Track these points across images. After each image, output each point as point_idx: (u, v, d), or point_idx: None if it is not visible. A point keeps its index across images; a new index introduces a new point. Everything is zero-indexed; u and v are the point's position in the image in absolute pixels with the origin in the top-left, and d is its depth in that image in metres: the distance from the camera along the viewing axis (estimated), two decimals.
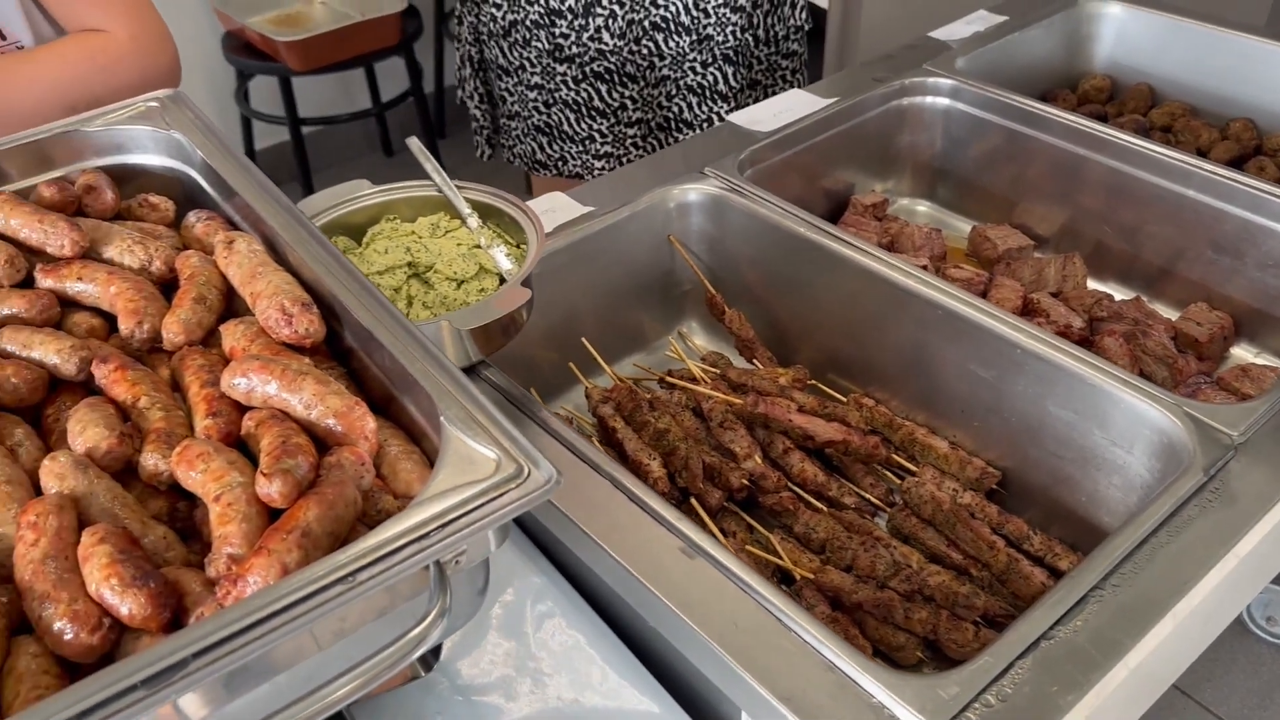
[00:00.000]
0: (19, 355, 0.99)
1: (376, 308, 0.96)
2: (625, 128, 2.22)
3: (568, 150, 2.26)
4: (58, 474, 0.85)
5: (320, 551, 0.78)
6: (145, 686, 0.66)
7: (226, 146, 1.20)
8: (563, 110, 2.21)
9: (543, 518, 1.13)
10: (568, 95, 2.18)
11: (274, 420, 0.89)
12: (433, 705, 1.03)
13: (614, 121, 2.21)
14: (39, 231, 1.09)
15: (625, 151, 2.25)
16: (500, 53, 2.20)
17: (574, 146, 2.25)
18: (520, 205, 1.37)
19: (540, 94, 2.20)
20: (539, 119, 2.24)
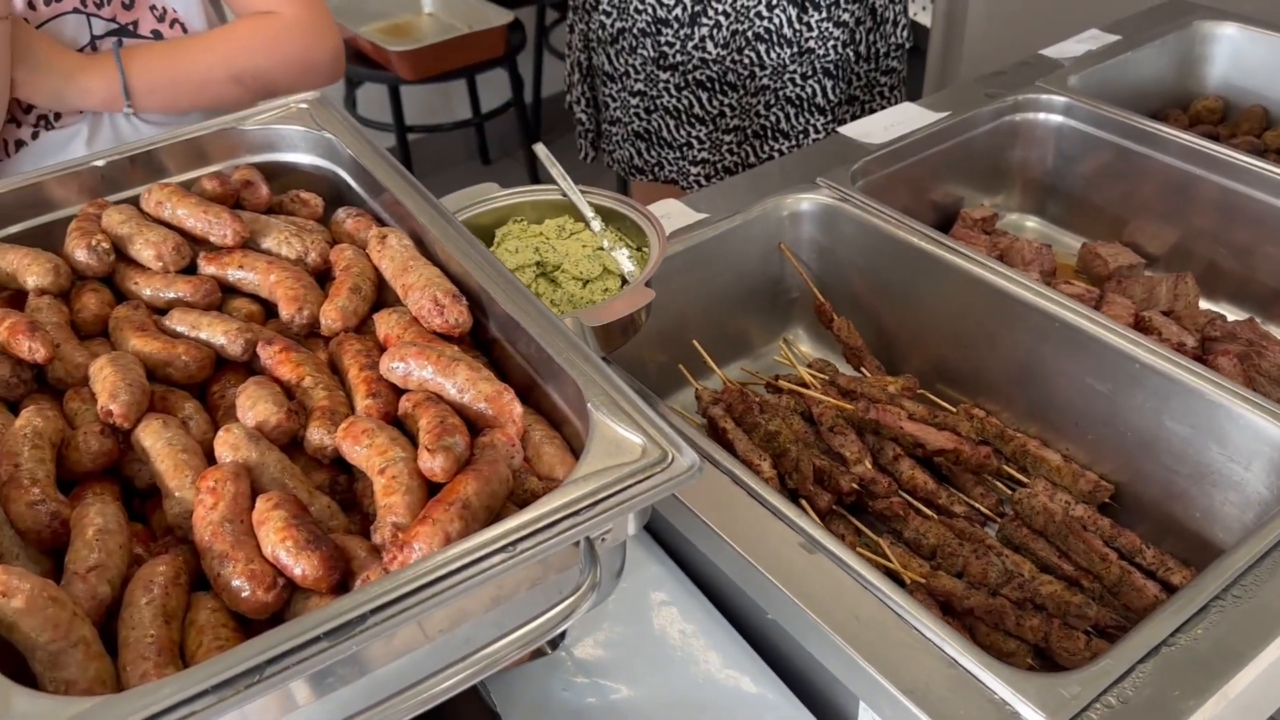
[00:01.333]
0: (188, 335, 1.07)
1: (521, 300, 1.01)
2: (722, 135, 2.26)
3: (665, 156, 2.31)
4: (232, 444, 0.92)
5: (478, 524, 0.83)
6: (329, 638, 0.71)
7: (375, 146, 1.27)
8: (663, 117, 2.26)
9: (662, 509, 1.17)
10: (669, 102, 2.23)
11: (430, 402, 0.95)
12: (557, 682, 1.07)
13: (712, 129, 2.26)
14: (203, 221, 1.17)
15: (720, 158, 2.30)
16: (607, 59, 2.26)
17: (671, 152, 2.30)
18: (642, 210, 1.42)
19: (642, 100, 2.26)
20: (639, 125, 2.29)
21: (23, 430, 0.92)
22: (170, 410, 1.00)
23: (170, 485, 0.90)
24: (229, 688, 0.69)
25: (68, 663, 0.75)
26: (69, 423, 0.99)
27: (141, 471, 0.97)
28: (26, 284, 1.11)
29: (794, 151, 2.25)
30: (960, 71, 3.29)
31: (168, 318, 1.09)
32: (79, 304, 1.12)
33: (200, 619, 0.81)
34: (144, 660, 0.77)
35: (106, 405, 0.95)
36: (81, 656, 0.76)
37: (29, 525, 0.87)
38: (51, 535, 0.87)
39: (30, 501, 0.87)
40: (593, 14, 2.24)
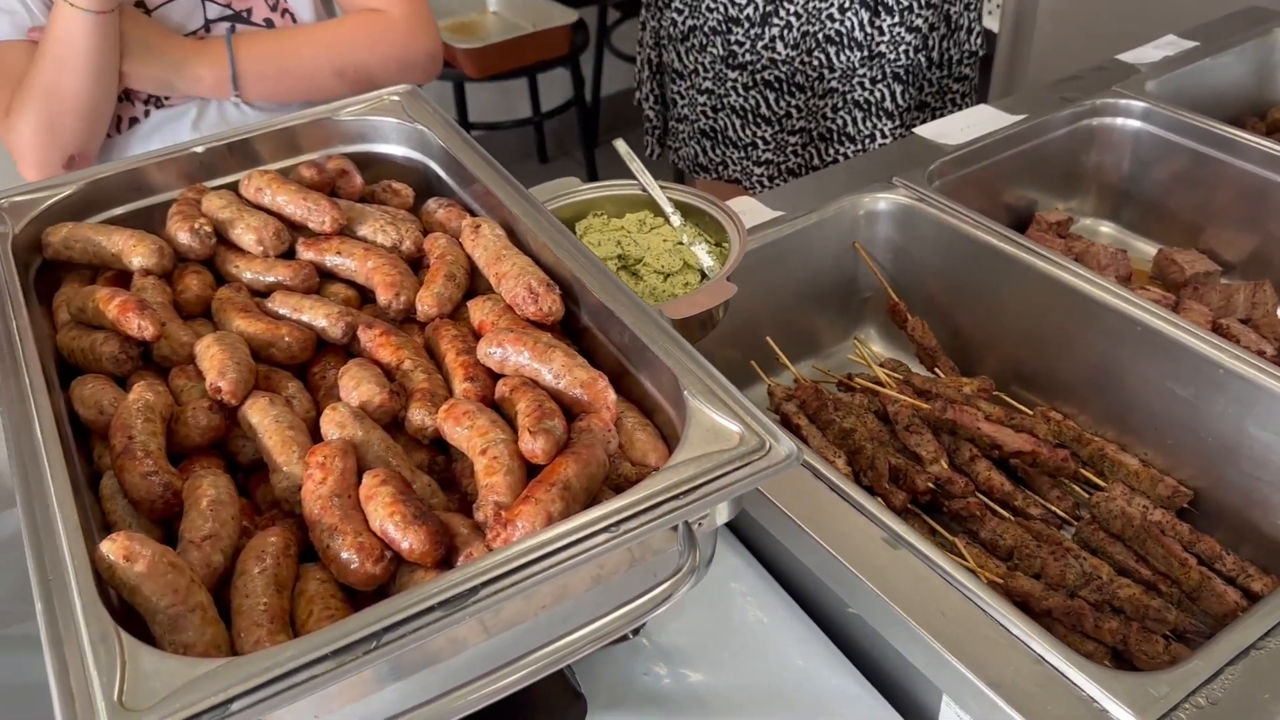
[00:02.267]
0: (290, 318, 1.10)
1: (614, 290, 1.03)
2: (788, 136, 2.27)
3: (729, 155, 2.32)
4: (338, 422, 0.95)
5: (578, 505, 0.85)
6: (443, 608, 0.73)
7: (466, 138, 1.29)
8: (729, 116, 2.27)
9: (743, 501, 1.18)
10: (736, 101, 2.24)
11: (526, 387, 0.97)
12: (639, 666, 1.09)
13: (778, 129, 2.26)
14: (302, 208, 1.20)
15: (785, 159, 2.30)
16: (677, 56, 2.28)
17: (736, 152, 2.31)
18: (721, 205, 1.43)
19: (710, 99, 2.27)
20: (705, 123, 2.31)
21: (135, 404, 0.96)
22: (274, 389, 1.03)
23: (278, 460, 0.93)
24: (348, 653, 0.71)
25: (186, 627, 0.78)
26: (175, 399, 1.02)
27: (246, 447, 1.00)
28: (131, 264, 1.15)
29: (863, 153, 2.25)
30: (1027, 76, 3.26)
31: (270, 300, 1.13)
32: (181, 285, 1.15)
33: (310, 589, 0.84)
34: (257, 627, 0.80)
35: (215, 382, 0.98)
36: (199, 621, 0.79)
37: (142, 495, 0.90)
38: (164, 506, 0.90)
39: (144, 472, 0.90)
40: (665, 11, 2.26)
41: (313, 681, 0.70)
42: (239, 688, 0.68)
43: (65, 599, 0.75)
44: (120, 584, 0.78)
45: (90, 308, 1.09)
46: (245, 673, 0.69)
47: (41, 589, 0.76)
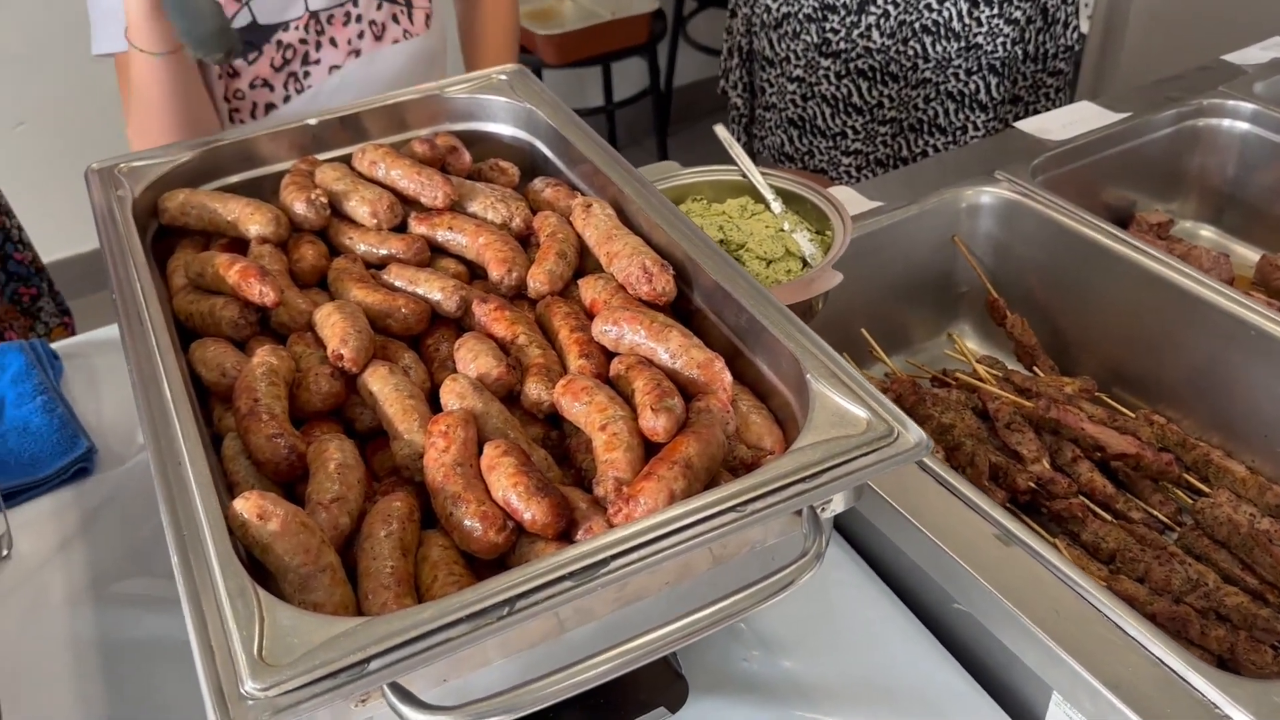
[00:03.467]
0: (405, 290, 1.11)
1: (730, 271, 1.02)
2: (878, 126, 2.24)
3: (816, 144, 2.30)
4: (458, 393, 0.96)
5: (699, 485, 0.85)
6: (574, 578, 0.74)
7: (575, 118, 1.29)
8: (819, 104, 2.25)
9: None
10: (827, 90, 2.22)
11: (643, 365, 0.97)
12: (738, 652, 1.09)
13: (868, 119, 2.24)
14: (416, 183, 1.21)
15: (874, 150, 2.28)
16: (768, 44, 2.27)
17: (824, 141, 2.29)
18: (823, 193, 1.42)
19: (800, 87, 2.25)
20: (794, 111, 2.29)
21: (260, 367, 0.97)
22: (390, 359, 1.04)
23: (399, 428, 0.94)
24: (482, 618, 0.71)
25: (316, 587, 0.79)
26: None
27: (363, 415, 1.01)
28: (249, 232, 1.17)
29: (953, 147, 2.22)
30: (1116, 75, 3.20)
31: (386, 272, 1.14)
32: (297, 254, 1.17)
33: (433, 555, 0.85)
34: (385, 590, 0.81)
35: (337, 349, 1.00)
36: (329, 582, 0.80)
37: (267, 457, 0.91)
38: (288, 468, 0.91)
39: (269, 434, 0.92)
40: None
41: (448, 644, 0.70)
42: (377, 647, 0.69)
43: (200, 554, 0.76)
44: (253, 542, 0.79)
45: (209, 273, 1.11)
46: (383, 632, 0.70)
47: (177, 544, 0.77)
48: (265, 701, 0.66)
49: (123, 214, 1.15)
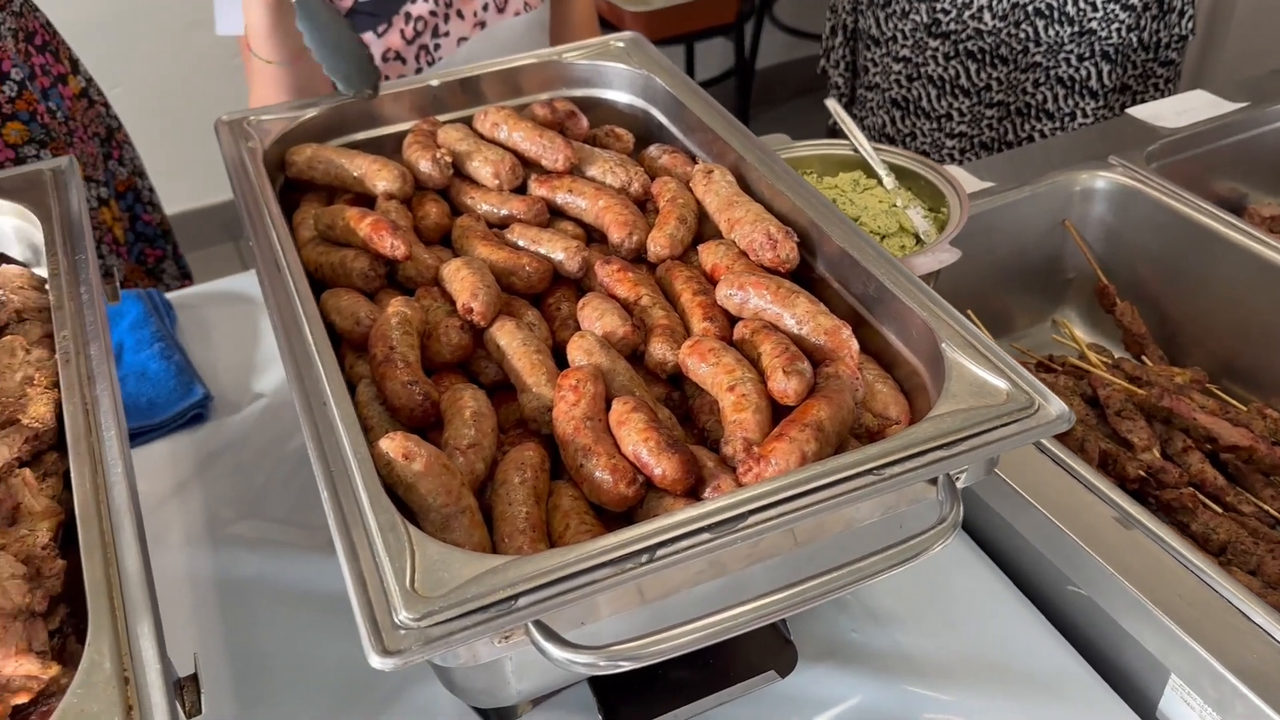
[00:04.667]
0: (529, 249, 1.13)
1: (858, 239, 1.02)
2: (984, 109, 2.21)
3: (920, 126, 2.27)
4: (585, 350, 0.97)
5: (829, 449, 0.85)
6: (712, 530, 0.74)
7: (693, 86, 1.30)
8: (925, 85, 2.22)
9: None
10: (934, 71, 2.19)
11: (768, 330, 0.97)
12: (846, 623, 1.09)
13: (975, 102, 2.21)
14: (538, 145, 1.22)
15: (979, 133, 2.24)
16: (875, 23, 2.24)
17: (928, 123, 2.26)
18: (939, 170, 1.40)
19: (906, 67, 2.22)
20: (898, 92, 2.26)
21: (394, 317, 0.99)
22: (514, 316, 1.05)
23: (528, 381, 0.96)
24: (626, 563, 0.72)
25: (456, 527, 0.81)
26: None
27: (488, 368, 1.03)
28: (375, 188, 1.19)
29: (1059, 134, 2.18)
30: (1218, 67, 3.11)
31: (509, 231, 1.15)
32: (421, 211, 1.19)
33: (564, 504, 0.86)
34: (520, 534, 0.82)
35: (468, 303, 1.01)
36: (468, 523, 0.82)
37: (402, 403, 0.94)
38: (422, 414, 0.93)
39: (405, 381, 0.94)
40: None
41: (592, 586, 0.71)
42: (526, 584, 0.71)
43: (349, 491, 0.78)
44: (397, 480, 0.81)
45: (340, 225, 1.13)
46: (532, 571, 0.71)
47: (326, 479, 0.79)
48: (418, 632, 0.68)
49: (254, 165, 1.18)
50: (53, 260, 1.03)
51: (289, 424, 1.37)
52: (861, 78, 2.35)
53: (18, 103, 1.68)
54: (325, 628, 1.11)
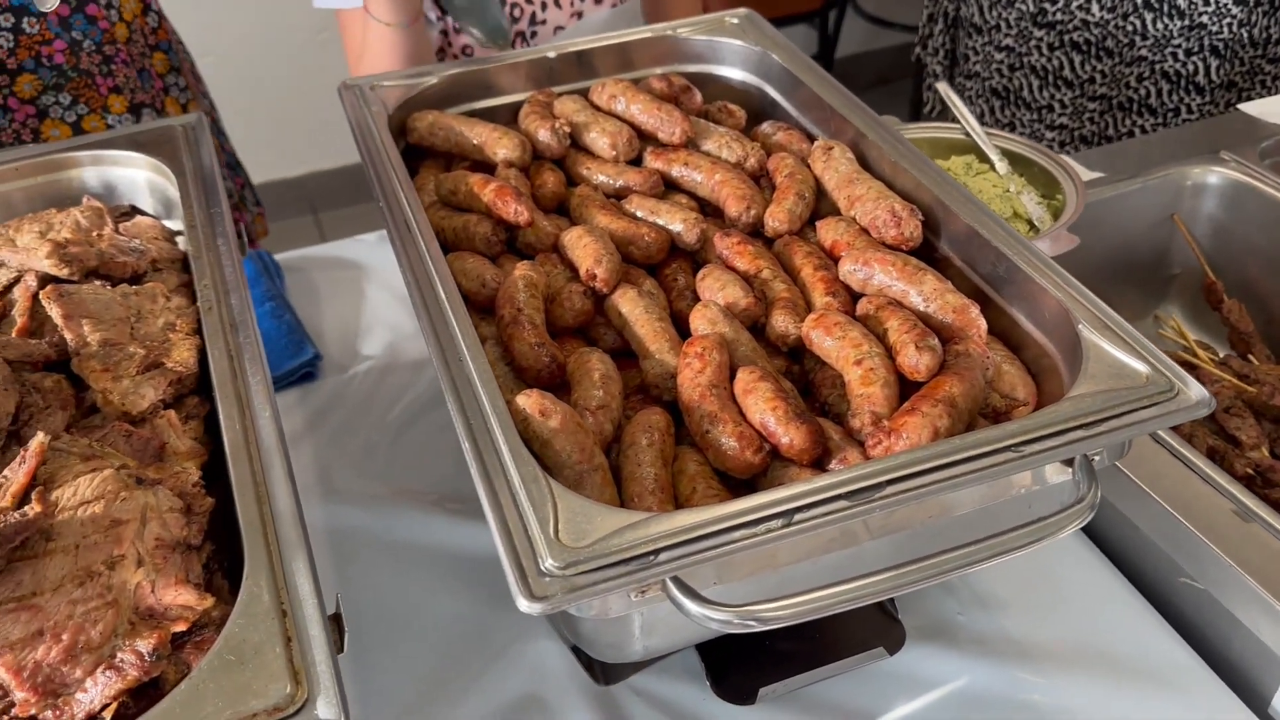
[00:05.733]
0: (647, 220, 1.13)
1: (987, 219, 1.01)
2: (1087, 101, 2.17)
3: (1020, 116, 2.24)
4: (709, 319, 0.97)
5: (961, 425, 0.85)
6: (850, 498, 0.75)
7: (810, 63, 1.29)
8: (1027, 75, 2.19)
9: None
10: (1037, 61, 2.16)
11: (894, 306, 0.97)
12: (952, 606, 1.08)
13: (1077, 94, 2.17)
14: (655, 118, 1.23)
15: (1080, 126, 2.21)
16: (978, 10, 2.21)
17: (1028, 114, 2.23)
18: (1055, 157, 1.39)
19: (1008, 56, 2.19)
20: (999, 81, 2.23)
21: (521, 280, 1.01)
22: (634, 284, 1.06)
23: (650, 348, 0.96)
24: (761, 525, 0.73)
25: (588, 485, 0.83)
26: None
27: (606, 335, 1.04)
28: (496, 155, 1.21)
29: (1161, 130, 2.14)
30: None
31: (627, 202, 1.16)
32: (539, 180, 1.20)
33: (689, 469, 0.87)
34: (650, 495, 0.83)
35: (591, 269, 1.02)
36: (600, 481, 0.83)
37: (529, 363, 0.95)
38: (548, 375, 0.95)
39: (533, 343, 0.95)
40: None
41: (731, 546, 0.72)
42: (667, 540, 0.72)
43: (488, 444, 0.80)
44: (533, 436, 0.83)
45: (462, 190, 1.15)
46: (672, 528, 0.72)
47: (467, 432, 0.81)
48: (563, 580, 0.70)
49: (379, 129, 1.20)
50: (189, 213, 1.06)
51: (395, 387, 1.40)
52: (960, 66, 2.32)
53: (159, 33, 1.75)
54: (433, 583, 1.13)
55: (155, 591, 0.70)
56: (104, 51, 1.60)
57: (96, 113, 1.61)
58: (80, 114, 1.60)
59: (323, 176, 3.97)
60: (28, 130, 1.57)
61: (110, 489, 0.72)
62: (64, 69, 1.56)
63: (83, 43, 1.58)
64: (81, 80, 1.58)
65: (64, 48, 1.55)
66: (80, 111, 1.60)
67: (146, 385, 0.87)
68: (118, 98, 1.63)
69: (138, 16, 1.70)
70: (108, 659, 0.67)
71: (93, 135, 1.21)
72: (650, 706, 1.00)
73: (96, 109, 1.61)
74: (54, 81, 1.56)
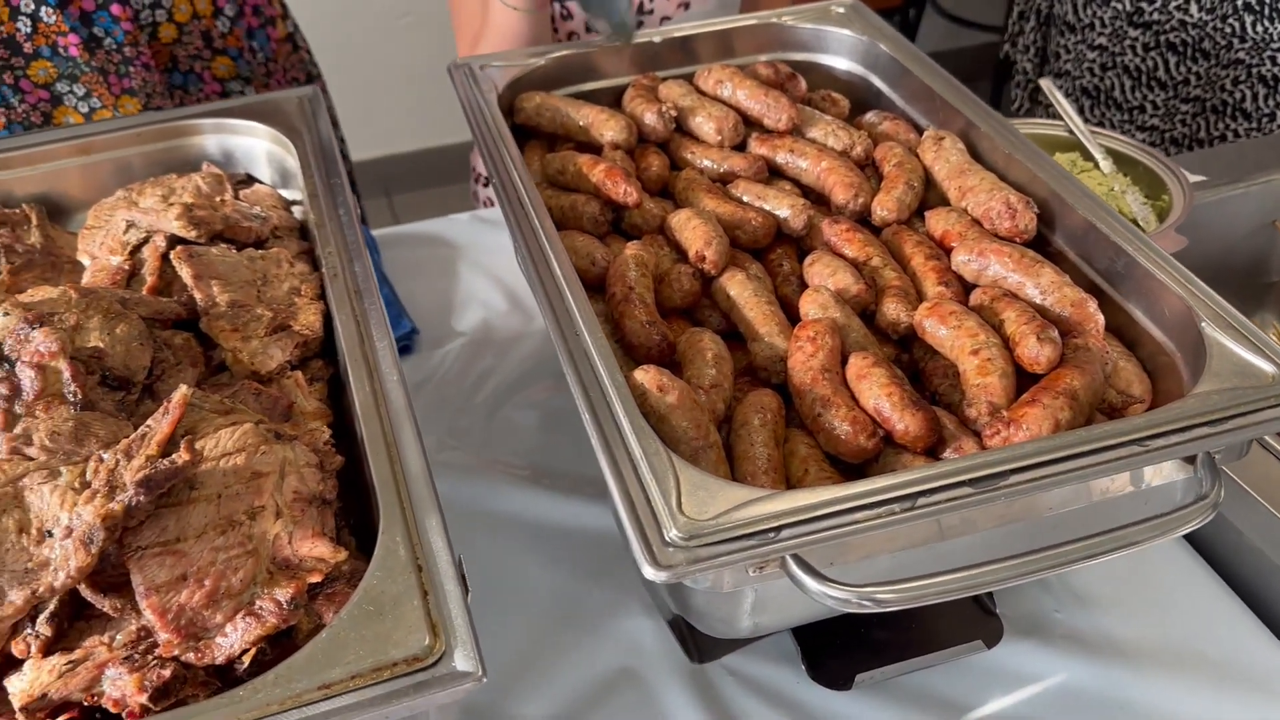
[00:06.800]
0: (753, 204, 1.14)
1: (1103, 212, 1.00)
2: (1180, 103, 2.13)
3: (1110, 116, 2.21)
4: (821, 304, 0.98)
5: (1081, 419, 0.84)
6: (974, 485, 0.75)
7: (918, 52, 1.29)
8: (1120, 75, 2.16)
9: None
10: (1131, 61, 2.13)
11: (1009, 298, 0.96)
12: (1049, 603, 1.08)
13: (1170, 95, 2.13)
14: (761, 104, 1.23)
15: (1171, 128, 2.17)
16: (1072, 9, 2.19)
17: (1118, 114, 2.19)
18: (1161, 158, 1.37)
19: (1101, 56, 2.16)
20: (1090, 81, 2.20)
21: (632, 259, 1.02)
22: (741, 268, 1.07)
23: (760, 331, 0.97)
24: (884, 506, 0.73)
25: (703, 461, 0.83)
26: None
27: (711, 317, 1.05)
28: (602, 137, 1.22)
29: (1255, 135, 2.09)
30: None
31: (732, 186, 1.17)
32: (644, 163, 1.21)
33: (800, 451, 0.87)
34: (763, 474, 0.84)
35: (701, 251, 1.03)
36: (714, 458, 0.84)
37: (640, 341, 0.96)
38: (659, 353, 0.96)
39: (644, 321, 0.96)
40: None
41: (851, 527, 0.73)
42: (790, 517, 0.72)
43: (607, 416, 0.81)
44: (650, 411, 0.84)
45: (570, 170, 1.16)
46: (795, 505, 0.73)
47: (587, 405, 0.82)
48: (687, 550, 0.70)
49: (492, 108, 1.22)
50: (309, 182, 1.09)
51: (490, 362, 1.41)
52: (1050, 64, 2.29)
53: (228, 39, 1.77)
54: (531, 555, 1.15)
55: (292, 543, 0.72)
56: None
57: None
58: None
59: (396, 160, 4.02)
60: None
61: (250, 442, 0.74)
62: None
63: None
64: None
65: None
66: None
67: (274, 346, 0.90)
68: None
69: (205, 18, 1.70)
70: (247, 605, 0.69)
71: (211, 104, 1.24)
72: (743, 687, 1.01)
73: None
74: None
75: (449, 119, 3.55)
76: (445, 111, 3.81)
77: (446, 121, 3.76)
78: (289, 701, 0.62)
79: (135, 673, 0.67)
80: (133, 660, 0.68)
